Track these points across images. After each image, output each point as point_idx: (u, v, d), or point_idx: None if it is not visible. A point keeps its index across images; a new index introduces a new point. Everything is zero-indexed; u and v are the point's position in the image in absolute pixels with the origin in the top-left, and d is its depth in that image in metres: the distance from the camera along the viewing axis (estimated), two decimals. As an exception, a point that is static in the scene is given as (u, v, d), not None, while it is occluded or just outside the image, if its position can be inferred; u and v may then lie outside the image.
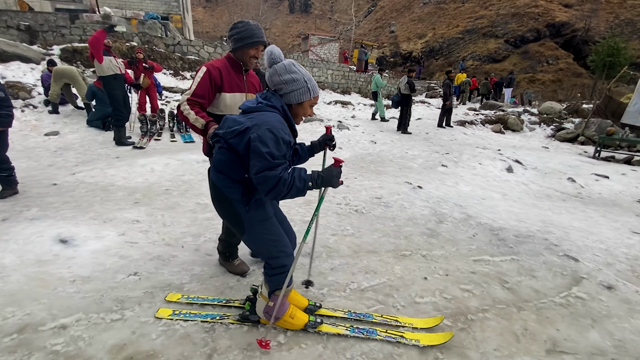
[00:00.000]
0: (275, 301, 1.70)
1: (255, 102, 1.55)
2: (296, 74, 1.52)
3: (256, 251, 1.75)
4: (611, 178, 6.01)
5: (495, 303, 2.35)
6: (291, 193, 1.45)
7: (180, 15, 17.39)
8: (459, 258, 2.94)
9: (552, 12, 43.83)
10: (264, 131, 1.40)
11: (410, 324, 1.98)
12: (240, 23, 1.94)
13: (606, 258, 3.15)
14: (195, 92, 1.92)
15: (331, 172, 1.51)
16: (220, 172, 1.56)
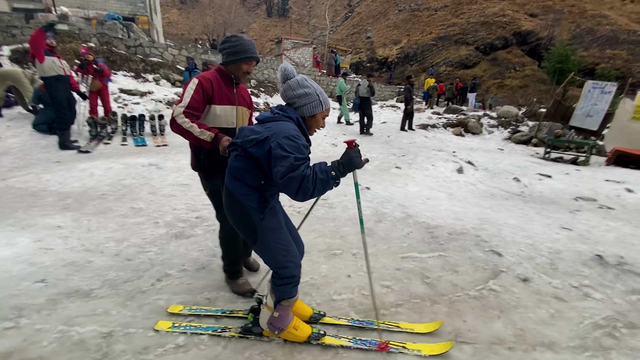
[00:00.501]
0: (281, 311, 1.73)
1: (271, 112, 1.62)
2: (308, 88, 1.61)
3: (267, 261, 1.72)
4: (554, 177, 6.33)
5: (412, 298, 2.42)
6: (318, 188, 1.46)
7: (147, 16, 16.99)
8: (388, 255, 3.01)
9: (519, 21, 46.07)
10: (283, 139, 1.46)
11: (411, 329, 2.02)
12: (233, 37, 1.95)
13: (529, 252, 3.31)
14: (190, 104, 1.86)
15: (349, 155, 1.53)
16: (237, 179, 1.59)
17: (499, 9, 48.76)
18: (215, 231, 3.14)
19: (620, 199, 5.46)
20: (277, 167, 1.45)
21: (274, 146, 1.45)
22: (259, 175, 1.57)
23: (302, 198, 1.47)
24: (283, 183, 1.44)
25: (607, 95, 8.38)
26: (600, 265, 3.17)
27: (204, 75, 1.92)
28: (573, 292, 2.67)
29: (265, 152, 1.49)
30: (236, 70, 1.97)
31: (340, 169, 1.50)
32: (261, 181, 1.58)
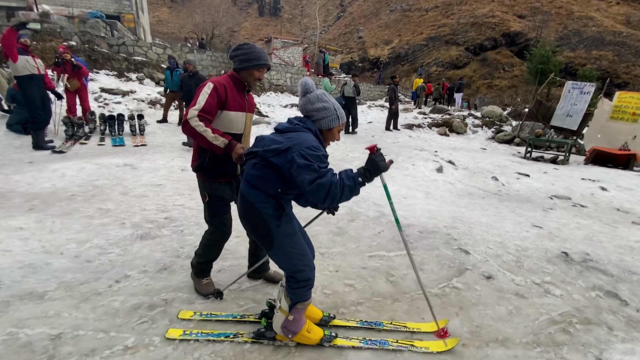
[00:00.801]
0: (296, 314, 1.76)
1: (290, 123, 1.67)
2: (327, 102, 1.67)
3: (283, 266, 1.74)
4: (532, 176, 6.43)
5: (373, 296, 2.43)
6: (345, 194, 1.50)
7: (132, 14, 16.77)
8: (356, 254, 3.02)
9: (508, 22, 46.70)
10: (305, 149, 1.50)
11: (418, 329, 2.07)
12: (246, 45, 1.99)
13: (497, 250, 3.35)
14: (205, 108, 1.84)
15: (374, 160, 1.58)
16: (255, 187, 1.61)
17: (489, 10, 49.36)
18: (183, 232, 3.14)
19: (594, 197, 5.58)
20: (302, 175, 1.48)
21: (297, 156, 1.49)
22: (276, 184, 1.60)
23: (330, 203, 1.53)
24: (312, 189, 1.47)
25: (586, 96, 8.54)
26: (565, 262, 3.23)
27: (218, 81, 1.92)
28: (534, 289, 2.71)
29: (287, 162, 1.52)
30: (248, 76, 1.98)
31: (366, 175, 1.56)
32: (278, 189, 1.62)
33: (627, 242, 3.88)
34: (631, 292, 2.79)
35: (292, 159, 1.50)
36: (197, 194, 4.36)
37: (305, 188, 1.49)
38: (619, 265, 3.26)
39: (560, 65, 12.89)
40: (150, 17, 73.82)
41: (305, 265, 1.72)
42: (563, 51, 42.08)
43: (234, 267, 2.68)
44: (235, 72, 2.00)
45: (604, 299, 2.66)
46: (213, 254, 2.24)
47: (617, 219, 4.75)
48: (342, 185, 1.49)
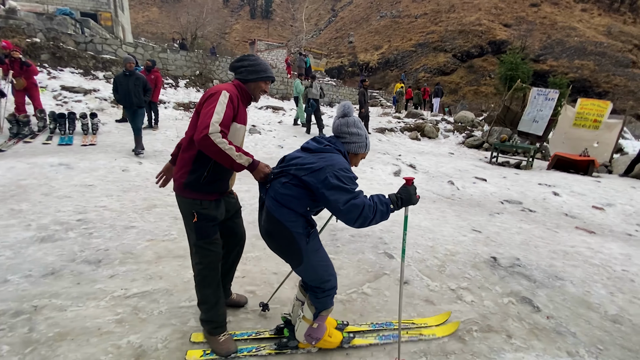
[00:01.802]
0: (320, 321, 1.81)
1: (319, 143, 1.70)
2: (361, 130, 1.74)
3: (310, 279, 1.76)
4: (489, 181, 6.44)
5: (271, 303, 2.32)
6: (376, 218, 1.54)
7: (110, 12, 16.49)
8: (273, 259, 2.88)
9: (494, 30, 47.57)
10: (338, 170, 1.54)
11: (424, 323, 2.20)
12: (251, 56, 1.89)
13: (424, 255, 3.29)
14: (224, 122, 1.61)
15: (409, 192, 1.63)
16: (284, 206, 1.61)
17: (476, 19, 50.24)
18: (91, 235, 2.99)
19: (545, 202, 5.59)
20: (336, 195, 1.51)
21: (330, 176, 1.51)
22: (306, 202, 1.62)
23: (360, 225, 1.54)
24: (345, 209, 1.50)
25: (550, 102, 8.65)
26: (491, 267, 3.18)
27: (231, 90, 1.72)
28: (446, 295, 2.64)
29: (319, 181, 1.53)
30: (256, 88, 1.86)
31: (398, 203, 1.61)
32: (307, 207, 1.64)
33: (563, 247, 3.87)
34: (548, 299, 2.74)
35: (325, 178, 1.52)
36: (128, 195, 4.27)
37: (339, 208, 1.50)
38: (546, 270, 3.23)
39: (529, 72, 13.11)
40: (140, 16, 73.29)
41: (331, 275, 1.77)
42: (547, 60, 42.98)
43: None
44: (242, 82, 1.83)
45: (515, 305, 2.61)
46: (213, 286, 1.85)
47: (562, 223, 4.76)
48: (375, 209, 1.53)
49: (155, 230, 3.19)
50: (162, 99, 10.09)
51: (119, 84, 5.37)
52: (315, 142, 1.73)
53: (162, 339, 1.90)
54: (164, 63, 12.06)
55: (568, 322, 2.46)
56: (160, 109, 9.55)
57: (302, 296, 1.91)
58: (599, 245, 3.98)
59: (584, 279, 3.16)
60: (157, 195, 4.09)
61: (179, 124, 8.55)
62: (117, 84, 5.45)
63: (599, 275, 3.29)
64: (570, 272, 3.26)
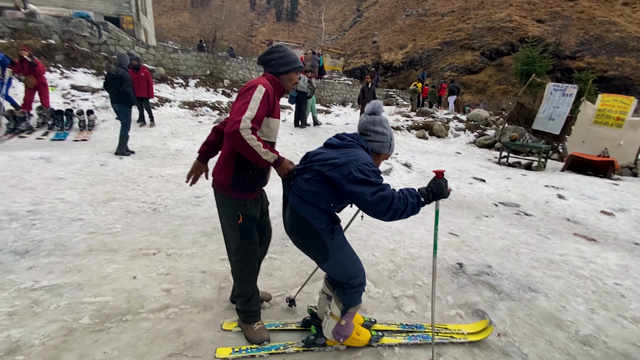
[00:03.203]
0: (348, 319, 1.79)
1: (341, 139, 1.69)
2: (387, 129, 1.72)
3: (337, 275, 1.74)
4: (489, 182, 5.97)
5: (182, 303, 2.17)
6: (407, 210, 1.49)
7: (131, 16, 17.17)
8: (209, 257, 2.76)
9: (526, 26, 45.17)
10: (362, 165, 1.52)
11: (458, 330, 2.09)
12: (280, 47, 1.85)
13: (380, 258, 3.02)
14: (257, 117, 1.61)
15: (440, 185, 1.61)
16: (308, 202, 1.60)
17: (506, 15, 47.96)
18: (34, 226, 2.97)
19: (547, 206, 5.08)
20: (362, 188, 1.48)
21: (354, 170, 1.49)
22: (330, 198, 1.60)
23: (391, 217, 1.48)
24: (374, 201, 1.45)
25: (568, 98, 7.93)
26: (452, 274, 2.86)
27: (267, 85, 1.71)
28: (385, 304, 2.38)
29: (343, 176, 1.51)
30: (288, 80, 1.86)
31: (429, 196, 1.56)
32: (331, 204, 1.62)
33: (550, 255, 3.45)
34: (508, 313, 2.41)
35: (349, 173, 1.50)
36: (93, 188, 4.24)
37: (367, 200, 1.46)
38: (520, 280, 2.87)
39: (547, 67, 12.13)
40: (172, 21, 76.25)
41: (359, 270, 1.74)
42: (584, 56, 40.25)
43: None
44: (275, 76, 1.81)
45: (463, 319, 2.31)
46: (252, 281, 1.93)
47: (559, 229, 4.27)
48: (406, 201, 1.49)
49: (101, 223, 3.14)
50: (169, 98, 10.32)
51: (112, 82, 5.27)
52: (338, 138, 1.71)
53: (44, 335, 1.79)
54: (175, 63, 12.36)
55: (523, 341, 2.13)
56: (165, 107, 9.76)
57: (327, 289, 1.91)
58: (594, 255, 3.51)
59: (563, 292, 2.76)
60: (122, 189, 4.08)
61: (179, 122, 8.67)
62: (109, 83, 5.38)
63: (584, 288, 2.87)
64: (549, 284, 2.87)
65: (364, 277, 1.77)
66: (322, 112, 13.80)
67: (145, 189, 4.10)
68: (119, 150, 5.46)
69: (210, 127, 7.28)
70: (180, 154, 6.05)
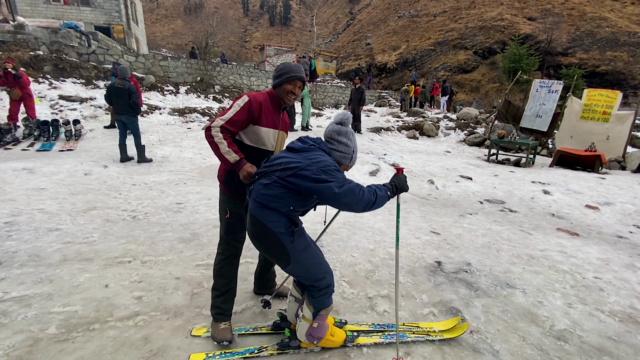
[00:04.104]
0: (320, 321, 1.80)
1: (304, 143, 1.70)
2: (351, 142, 1.75)
3: (302, 278, 1.75)
4: (475, 179, 5.98)
5: (153, 310, 2.15)
6: (377, 201, 1.57)
7: (122, 25, 17.22)
8: (184, 263, 2.75)
9: (517, 24, 45.45)
10: (324, 167, 1.55)
11: (430, 328, 2.10)
12: (281, 64, 2.03)
13: (359, 259, 3.02)
14: (232, 120, 1.81)
15: (401, 179, 1.73)
16: (266, 207, 1.61)
17: (497, 14, 48.28)
18: (11, 237, 2.96)
19: (533, 202, 5.10)
20: (327, 185, 1.50)
21: (318, 172, 1.52)
22: (289, 202, 1.60)
23: (364, 208, 1.55)
24: (342, 193, 1.49)
25: (554, 95, 7.97)
26: (430, 273, 2.86)
27: (255, 96, 1.90)
28: (359, 304, 2.37)
29: (307, 179, 1.53)
30: (281, 92, 1.96)
31: (394, 190, 1.67)
32: (291, 207, 1.62)
33: (531, 250, 3.45)
34: (483, 310, 2.41)
35: (312, 174, 1.52)
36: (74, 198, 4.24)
37: (335, 192, 1.49)
38: (498, 277, 2.87)
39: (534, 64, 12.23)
40: (166, 29, 76.31)
41: (325, 272, 1.74)
42: (576, 52, 40.52)
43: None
44: (272, 88, 2.01)
45: (436, 317, 2.30)
46: (227, 278, 2.00)
47: (543, 224, 4.28)
48: (375, 193, 1.57)
49: (78, 232, 3.12)
50: (158, 105, 10.33)
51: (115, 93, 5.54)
52: (300, 142, 1.72)
53: (9, 346, 1.78)
54: (165, 71, 12.38)
55: (495, 338, 2.12)
56: (154, 115, 9.76)
57: (296, 292, 1.92)
58: (575, 249, 3.52)
59: (541, 287, 2.76)
60: (104, 197, 4.07)
61: (168, 129, 8.67)
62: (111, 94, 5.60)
63: (562, 283, 2.88)
64: (527, 280, 2.87)
65: (331, 279, 1.76)
66: (314, 115, 13.83)
67: (127, 197, 4.09)
68: (140, 158, 5.82)
69: (199, 132, 7.28)
70: (166, 160, 6.05)
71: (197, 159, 6.28)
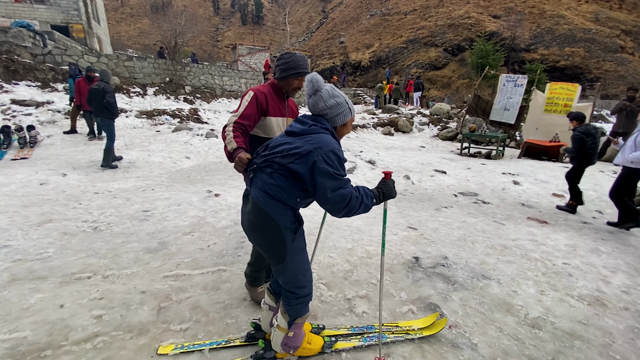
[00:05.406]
0: (296, 329, 1.72)
1: (303, 124, 1.55)
2: (339, 97, 1.58)
3: (286, 281, 1.64)
4: (449, 173, 6.09)
5: (114, 330, 1.98)
6: (361, 209, 1.49)
7: (82, 24, 16.27)
8: (150, 275, 2.57)
9: (483, 22, 47.11)
10: (328, 153, 1.42)
11: (409, 327, 2.06)
12: (287, 54, 2.00)
13: (337, 259, 2.95)
14: (243, 114, 1.90)
15: (389, 185, 1.62)
16: (273, 197, 1.50)
17: (464, 12, 49.83)
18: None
19: (504, 192, 5.24)
20: (324, 182, 1.42)
21: (319, 160, 1.41)
22: (296, 193, 1.51)
23: (344, 215, 1.49)
24: (333, 198, 1.43)
25: (519, 88, 8.28)
26: (408, 269, 2.84)
27: (258, 89, 1.98)
28: (337, 307, 2.30)
29: (308, 166, 1.43)
30: (287, 85, 2.04)
31: (380, 197, 1.57)
32: (298, 199, 1.53)
33: (504, 241, 3.53)
34: (461, 303, 2.40)
35: (314, 163, 1.41)
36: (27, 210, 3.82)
37: (327, 196, 1.43)
38: (474, 269, 2.89)
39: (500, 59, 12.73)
40: (132, 28, 73.50)
41: (308, 280, 1.68)
42: (537, 49, 42.52)
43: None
44: (276, 80, 2.06)
45: (415, 314, 2.27)
46: (264, 260, 2.19)
47: (514, 214, 4.41)
48: (361, 201, 1.48)
49: (31, 249, 2.86)
50: (124, 108, 9.82)
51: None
52: (300, 123, 1.58)
53: (-59, 385, 1.57)
54: (130, 72, 11.81)
55: (473, 331, 2.12)
56: (120, 118, 9.26)
57: (270, 300, 1.85)
58: (545, 237, 3.63)
59: (515, 277, 2.81)
60: (61, 208, 3.77)
61: (135, 132, 8.26)
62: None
63: (534, 271, 2.95)
64: (502, 270, 2.92)
65: (311, 288, 1.71)
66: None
67: (87, 207, 3.81)
68: (105, 163, 5.51)
69: (169, 135, 6.97)
70: (133, 166, 5.73)
71: (167, 163, 6.01)
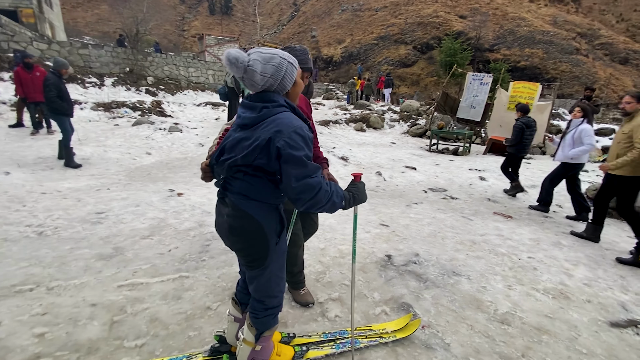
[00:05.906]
0: (264, 343, 1.59)
1: (253, 111, 1.30)
2: (273, 58, 1.29)
3: (258, 288, 1.49)
4: (419, 169, 6.18)
5: (59, 349, 1.76)
6: (327, 206, 1.33)
7: (32, 9, 14.88)
8: (102, 285, 2.33)
9: (450, 22, 48.66)
10: (290, 134, 1.24)
11: (383, 329, 2.00)
12: (286, 48, 1.84)
13: (309, 261, 2.82)
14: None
15: (359, 189, 1.51)
16: (253, 199, 1.35)
17: (433, 11, 51.19)
18: None
19: (471, 188, 5.38)
20: (289, 169, 1.25)
21: (282, 146, 1.22)
22: (277, 191, 1.36)
23: (308, 208, 1.31)
24: (298, 188, 1.25)
25: (485, 87, 8.58)
26: (381, 268, 2.80)
27: None
28: (308, 312, 2.20)
29: (273, 157, 1.25)
30: None
31: (350, 201, 1.44)
32: (281, 193, 1.38)
33: (472, 236, 3.59)
34: (433, 302, 2.39)
35: (277, 150, 1.23)
36: None
37: (291, 184, 1.26)
38: (445, 266, 2.90)
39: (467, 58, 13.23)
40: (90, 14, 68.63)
41: (280, 291, 1.56)
42: (500, 49, 44.55)
43: None
44: None
45: (388, 315, 2.22)
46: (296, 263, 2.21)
47: (481, 209, 4.52)
48: (330, 197, 1.32)
49: None
50: (79, 99, 9.08)
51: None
52: (249, 109, 1.32)
53: None
54: (85, 60, 10.96)
55: (446, 330, 2.10)
56: (75, 110, 8.58)
57: (235, 311, 1.72)
58: (510, 232, 3.75)
59: (484, 272, 2.85)
60: (2, 211, 3.37)
61: (91, 126, 7.66)
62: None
63: (502, 265, 3.01)
64: (471, 266, 2.95)
65: (281, 300, 1.59)
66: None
67: (32, 209, 3.44)
68: (66, 162, 5.16)
69: (128, 129, 6.53)
70: (87, 162, 5.29)
71: (125, 159, 5.60)
